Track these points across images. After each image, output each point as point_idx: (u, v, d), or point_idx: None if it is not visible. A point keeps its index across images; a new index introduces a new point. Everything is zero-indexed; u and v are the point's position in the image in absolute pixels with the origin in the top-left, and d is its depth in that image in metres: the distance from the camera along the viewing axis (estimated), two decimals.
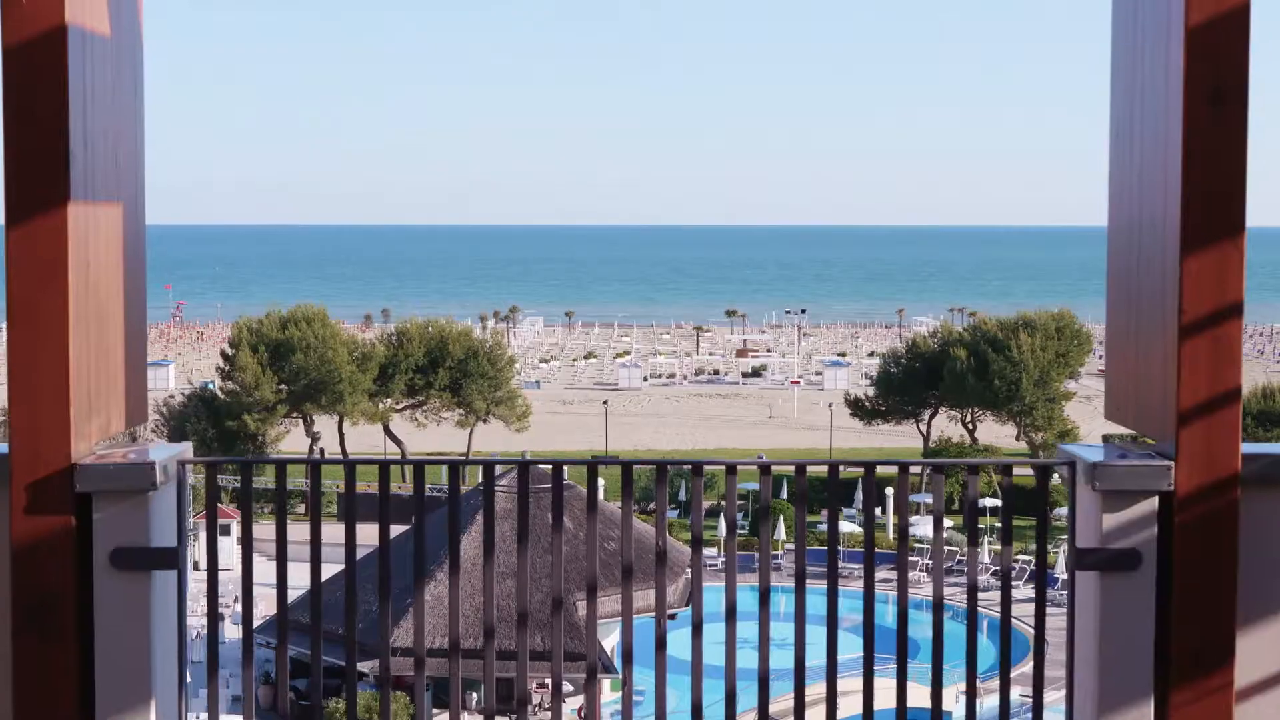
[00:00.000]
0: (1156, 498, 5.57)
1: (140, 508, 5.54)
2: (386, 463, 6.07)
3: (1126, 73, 6.09)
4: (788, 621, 6.24)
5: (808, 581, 6.13)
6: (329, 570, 6.29)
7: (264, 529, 65.91)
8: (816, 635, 6.02)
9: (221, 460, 6.49)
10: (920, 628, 6.24)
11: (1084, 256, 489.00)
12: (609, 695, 43.81)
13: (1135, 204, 5.97)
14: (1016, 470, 6.23)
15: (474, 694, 41.29)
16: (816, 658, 6.04)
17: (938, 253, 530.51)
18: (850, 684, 7.22)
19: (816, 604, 6.34)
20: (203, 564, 61.95)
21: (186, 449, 5.95)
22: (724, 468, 6.14)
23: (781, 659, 6.18)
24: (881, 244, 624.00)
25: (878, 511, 73.77)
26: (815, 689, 6.74)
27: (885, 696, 6.52)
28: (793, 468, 6.24)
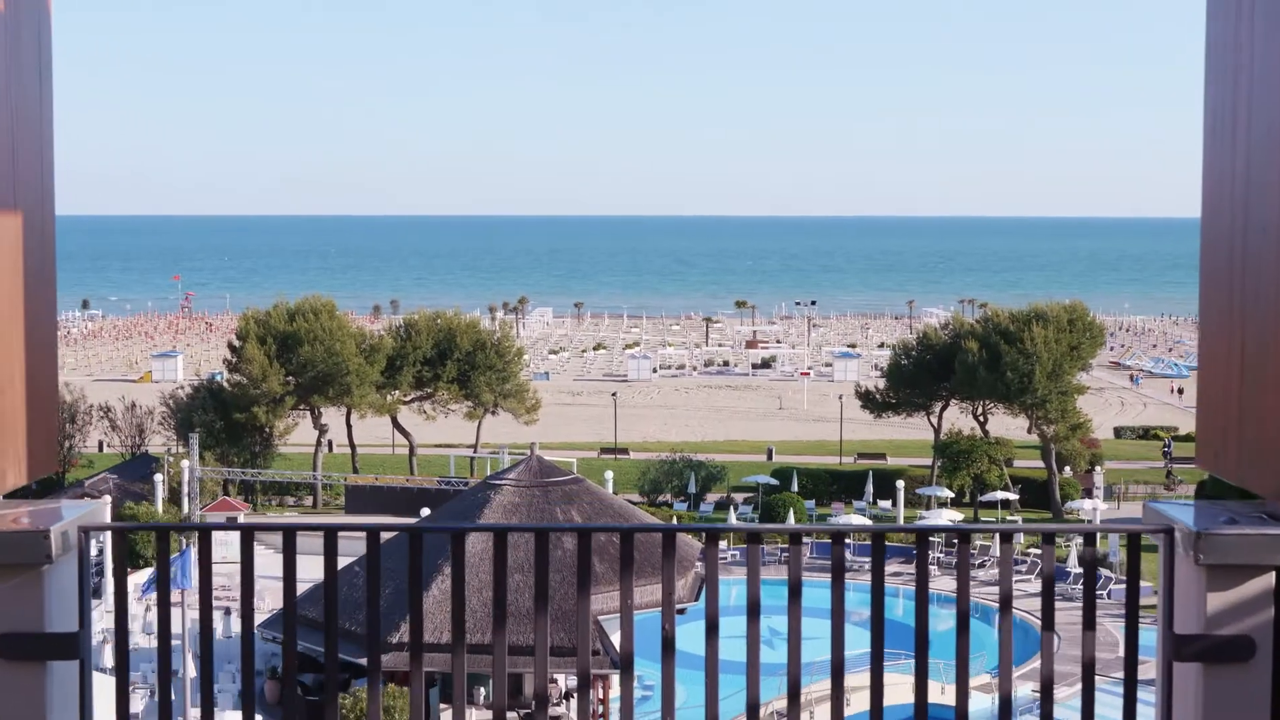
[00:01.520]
0: (1274, 573, 4.64)
1: (32, 585, 4.55)
2: (334, 528, 5.14)
3: (1228, 52, 5.16)
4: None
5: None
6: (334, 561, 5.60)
7: (268, 521, 64.77)
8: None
9: (131, 527, 5.10)
10: (934, 620, 5.57)
11: (1092, 247, 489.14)
12: (616, 690, 43.52)
13: (1239, 207, 5.02)
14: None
15: (481, 689, 41.02)
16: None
17: (942, 243, 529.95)
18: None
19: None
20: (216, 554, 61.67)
21: (97, 510, 4.95)
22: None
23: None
24: (885, 234, 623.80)
25: (887, 505, 73.35)
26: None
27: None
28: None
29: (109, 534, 5.07)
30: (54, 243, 5.28)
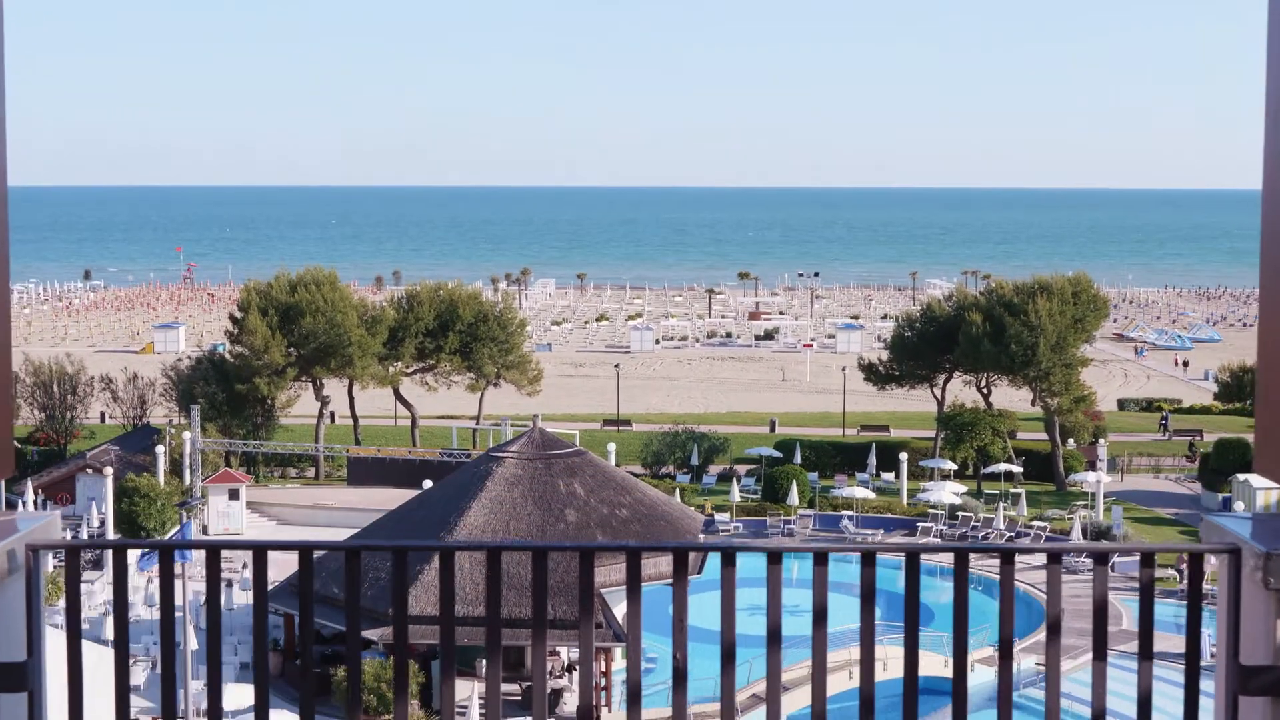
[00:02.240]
0: None
1: None
2: (309, 546, 4.73)
3: None
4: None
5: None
6: (329, 534, 5.27)
7: (270, 493, 63.86)
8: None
9: (86, 544, 4.59)
10: (934, 593, 5.17)
11: (1092, 219, 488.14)
12: (620, 663, 43.46)
13: None
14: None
15: (482, 660, 40.93)
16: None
17: (941, 215, 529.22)
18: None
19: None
20: (213, 526, 61.49)
21: (48, 524, 4.44)
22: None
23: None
24: (884, 206, 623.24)
25: (890, 477, 73.22)
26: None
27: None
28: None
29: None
30: (6, 213, 4.63)
